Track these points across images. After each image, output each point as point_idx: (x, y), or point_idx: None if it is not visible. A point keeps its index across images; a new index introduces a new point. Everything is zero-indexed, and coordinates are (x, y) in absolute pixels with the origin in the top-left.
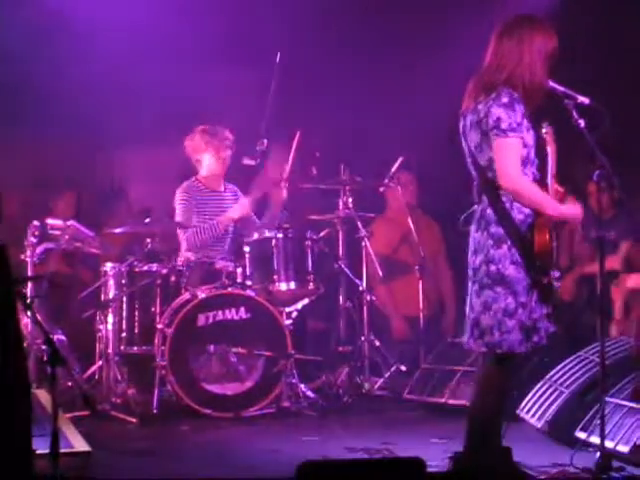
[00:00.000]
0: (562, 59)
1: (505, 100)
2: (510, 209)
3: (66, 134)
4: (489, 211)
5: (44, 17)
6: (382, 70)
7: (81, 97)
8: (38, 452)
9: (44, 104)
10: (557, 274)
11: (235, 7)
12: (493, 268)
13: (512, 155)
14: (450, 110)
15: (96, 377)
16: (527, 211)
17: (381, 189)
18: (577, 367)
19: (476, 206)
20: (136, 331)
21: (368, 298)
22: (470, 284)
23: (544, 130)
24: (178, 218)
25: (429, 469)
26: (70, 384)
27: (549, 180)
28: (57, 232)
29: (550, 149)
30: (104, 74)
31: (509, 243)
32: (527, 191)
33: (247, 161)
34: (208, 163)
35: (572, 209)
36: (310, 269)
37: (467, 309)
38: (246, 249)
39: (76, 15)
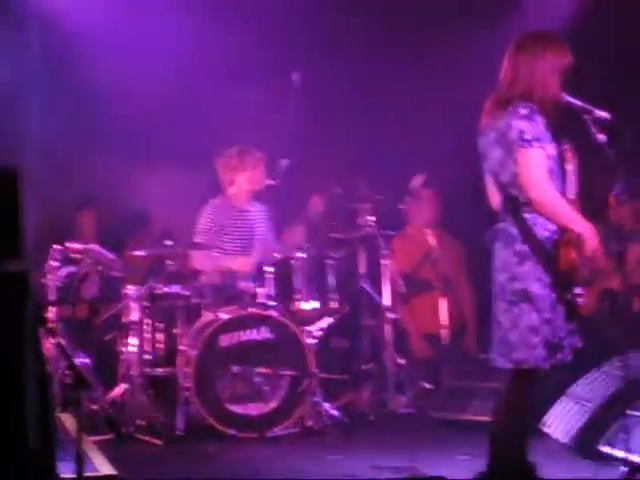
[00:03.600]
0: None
1: (524, 112)
2: (534, 226)
3: (87, 154)
4: (513, 229)
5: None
6: (402, 86)
7: (102, 117)
8: (63, 476)
9: (66, 121)
10: (580, 290)
11: (253, 24)
12: (518, 285)
13: (538, 165)
14: (473, 124)
15: (120, 400)
16: (552, 228)
17: (401, 206)
18: (601, 381)
19: (500, 224)
20: (159, 353)
21: (390, 316)
22: (496, 302)
23: (564, 147)
24: (197, 233)
25: None
26: (94, 407)
27: (571, 197)
28: (78, 255)
29: (570, 167)
30: (127, 94)
31: (534, 260)
32: (554, 202)
33: (268, 182)
34: (242, 183)
35: (588, 226)
36: (332, 288)
37: (494, 326)
38: (268, 269)
39: (99, 32)
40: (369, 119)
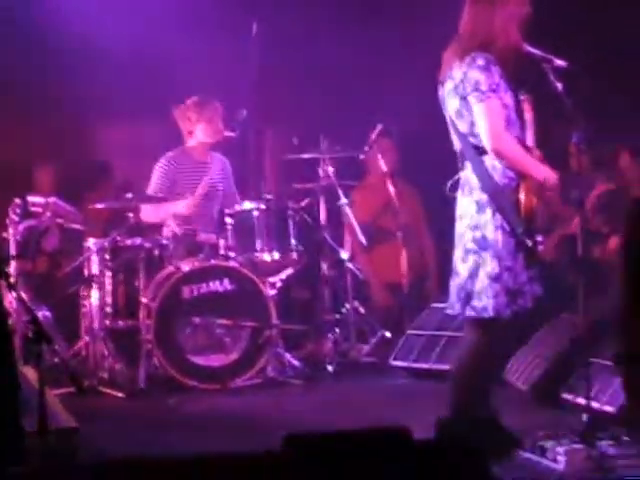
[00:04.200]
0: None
1: (481, 63)
2: (494, 174)
3: (48, 108)
4: (473, 177)
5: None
6: (360, 37)
7: (63, 70)
8: (26, 430)
9: (26, 76)
10: (540, 237)
11: None
12: (477, 233)
13: (495, 115)
14: (431, 73)
15: (82, 353)
16: (511, 175)
17: (361, 157)
18: (561, 329)
19: (460, 173)
20: (121, 306)
21: (351, 266)
22: (456, 250)
23: (521, 97)
24: (150, 186)
25: (416, 436)
26: (56, 361)
27: (529, 145)
28: (39, 209)
29: (528, 116)
30: (86, 47)
31: (493, 208)
32: (512, 151)
33: (227, 133)
34: (200, 134)
35: (550, 173)
36: (293, 239)
37: (453, 275)
38: (228, 220)
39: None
40: (328, 70)
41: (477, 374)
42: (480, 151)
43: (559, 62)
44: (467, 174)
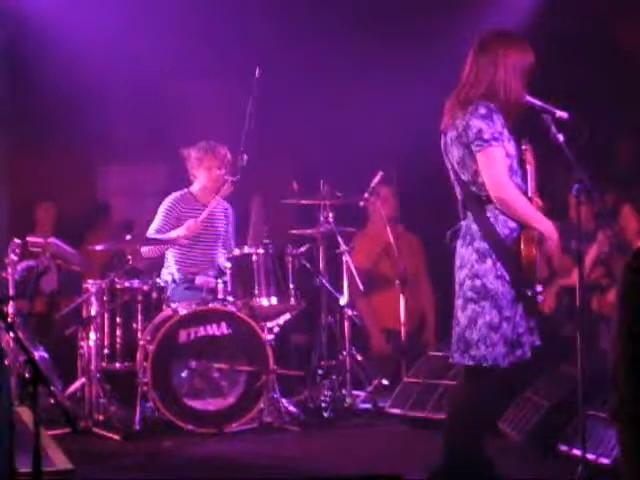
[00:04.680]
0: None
1: (483, 112)
2: (495, 223)
3: (49, 148)
4: (474, 226)
5: (26, 34)
6: (362, 83)
7: (63, 112)
8: (20, 471)
9: (26, 117)
10: (540, 288)
11: (213, 21)
12: (478, 282)
13: (498, 164)
14: (433, 121)
15: (78, 394)
16: (512, 225)
17: (361, 203)
18: (558, 380)
19: (461, 222)
20: (118, 348)
21: (349, 313)
22: (456, 299)
23: (523, 147)
24: (153, 225)
25: None
26: (52, 401)
27: (530, 195)
28: (38, 249)
29: (529, 166)
30: (87, 90)
31: (494, 257)
32: (515, 201)
33: (227, 177)
34: (201, 179)
35: (551, 225)
36: (291, 284)
37: (453, 323)
38: (227, 265)
39: (60, 33)
40: (330, 116)
41: (472, 423)
42: (482, 200)
43: (560, 113)
44: (468, 223)
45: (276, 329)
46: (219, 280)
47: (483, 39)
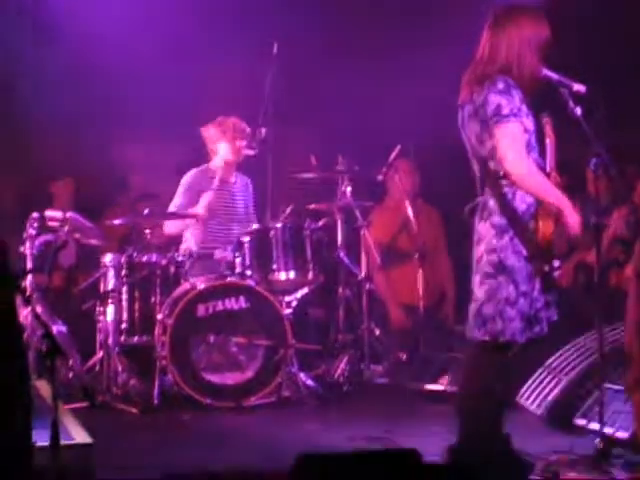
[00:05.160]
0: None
1: (501, 86)
2: (512, 199)
3: (67, 123)
4: (491, 202)
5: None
6: (380, 56)
7: (83, 86)
8: (38, 444)
9: (44, 91)
10: (557, 263)
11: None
12: (495, 258)
13: (516, 140)
14: (452, 95)
15: (97, 368)
16: (529, 201)
17: (379, 177)
18: (576, 354)
19: (479, 197)
20: (136, 322)
21: (367, 287)
22: (474, 274)
23: (543, 120)
24: (173, 201)
25: (428, 458)
26: (70, 376)
27: (549, 170)
28: (56, 224)
29: (549, 140)
30: (106, 64)
31: (511, 233)
32: (533, 176)
33: (247, 151)
34: (223, 153)
35: (568, 202)
36: (309, 258)
37: (471, 298)
38: (245, 239)
39: (77, 12)
40: (348, 90)
41: (487, 398)
42: (499, 176)
43: (578, 87)
44: (486, 199)
45: (294, 303)
46: (237, 254)
47: (497, 13)
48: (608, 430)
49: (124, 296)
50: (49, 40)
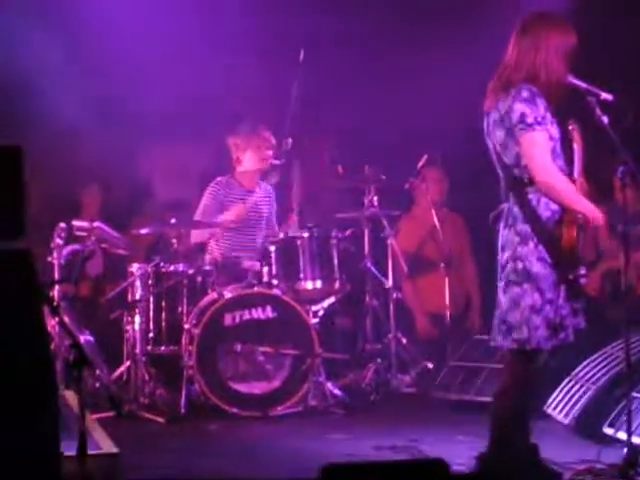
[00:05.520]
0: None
1: (525, 95)
2: (537, 206)
3: (92, 131)
4: (516, 209)
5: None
6: (406, 66)
7: (106, 94)
8: (65, 454)
9: (68, 100)
10: (583, 270)
11: (258, 5)
12: (520, 265)
13: (541, 147)
14: (478, 103)
15: (124, 378)
16: (554, 208)
17: (406, 186)
18: (603, 363)
19: (504, 204)
20: (163, 331)
21: (394, 296)
22: (499, 281)
23: (570, 127)
24: (198, 210)
25: (455, 467)
26: (97, 385)
27: (576, 177)
28: (83, 233)
29: (577, 146)
30: (134, 71)
31: (535, 240)
32: (559, 184)
33: (273, 161)
34: (248, 162)
35: (594, 209)
36: (336, 268)
37: (496, 306)
38: (271, 248)
39: (93, 15)
40: (376, 99)
41: (517, 407)
42: (524, 183)
43: (605, 95)
44: (510, 206)
45: (321, 312)
46: (264, 263)
47: (525, 21)
48: (636, 439)
49: (151, 306)
50: (65, 43)
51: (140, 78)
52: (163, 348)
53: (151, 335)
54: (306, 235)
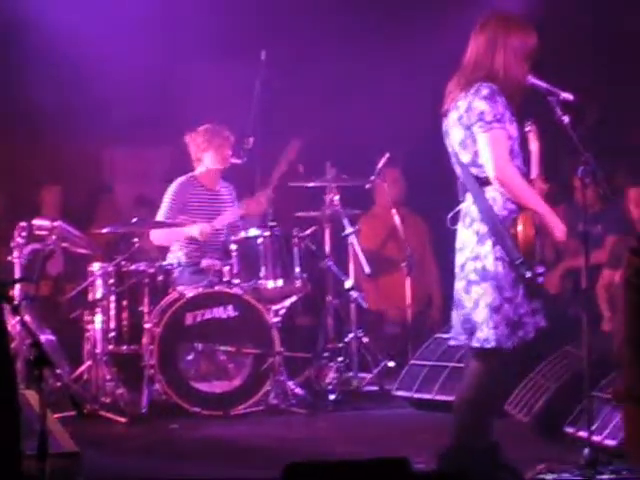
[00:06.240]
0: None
1: (485, 93)
2: (494, 205)
3: (51, 131)
4: (473, 208)
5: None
6: (366, 66)
7: (67, 94)
8: (26, 453)
9: (29, 100)
10: (542, 269)
11: (220, 4)
12: (478, 264)
13: (499, 146)
14: (436, 104)
15: (85, 377)
16: (511, 207)
17: (367, 186)
18: (564, 362)
19: (462, 204)
20: (124, 331)
21: (355, 295)
22: (457, 281)
23: (527, 128)
24: (160, 211)
25: (417, 466)
26: (58, 384)
27: (533, 177)
28: (44, 232)
29: (534, 147)
30: (91, 71)
31: (493, 239)
32: (515, 183)
33: (234, 160)
34: (208, 161)
35: (554, 217)
36: (297, 267)
37: (455, 305)
38: (233, 247)
39: (60, 16)
40: (336, 98)
41: (479, 405)
42: (481, 182)
43: (565, 95)
44: (468, 205)
45: (282, 312)
46: (225, 263)
47: (484, 20)
48: (596, 438)
49: (112, 305)
50: (33, 42)
51: (102, 79)
52: (124, 347)
53: (112, 334)
54: (267, 234)
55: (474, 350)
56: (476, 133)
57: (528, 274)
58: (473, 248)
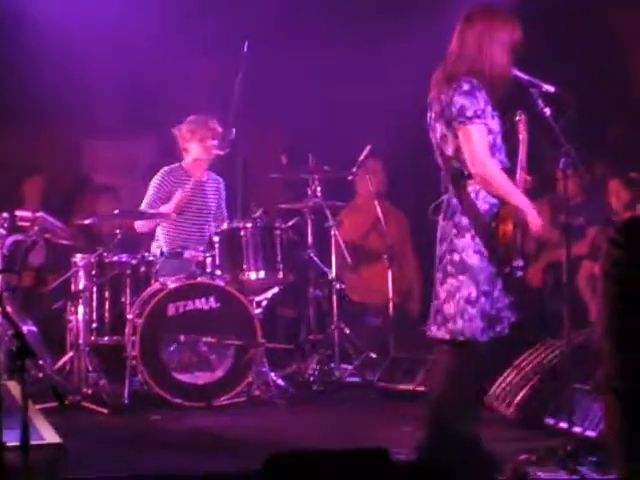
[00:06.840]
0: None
1: (466, 88)
2: (475, 199)
3: (33, 122)
4: (454, 201)
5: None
6: (349, 58)
7: (48, 85)
8: (8, 444)
9: (10, 91)
10: (521, 263)
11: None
12: (456, 257)
13: (480, 141)
14: (417, 96)
15: (67, 368)
16: (492, 201)
17: (349, 177)
18: (545, 354)
19: (444, 196)
20: (107, 322)
21: (337, 286)
22: (436, 272)
23: (517, 118)
24: (145, 200)
25: (398, 457)
26: (40, 375)
27: (518, 168)
28: (26, 223)
29: (522, 137)
30: (73, 63)
31: (472, 232)
32: (495, 178)
33: (216, 151)
34: (194, 152)
35: (533, 212)
36: (279, 258)
37: (432, 297)
38: (215, 239)
39: (43, 8)
40: (319, 90)
41: (452, 397)
42: (464, 176)
43: (547, 87)
44: (449, 197)
45: (264, 303)
46: (207, 254)
47: (470, 13)
48: (577, 429)
49: (94, 296)
50: (15, 34)
51: (84, 73)
52: (106, 338)
53: (94, 325)
54: (249, 225)
55: (446, 342)
56: (457, 128)
57: (507, 269)
58: (452, 240)
